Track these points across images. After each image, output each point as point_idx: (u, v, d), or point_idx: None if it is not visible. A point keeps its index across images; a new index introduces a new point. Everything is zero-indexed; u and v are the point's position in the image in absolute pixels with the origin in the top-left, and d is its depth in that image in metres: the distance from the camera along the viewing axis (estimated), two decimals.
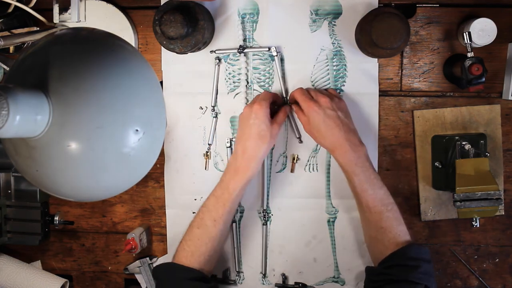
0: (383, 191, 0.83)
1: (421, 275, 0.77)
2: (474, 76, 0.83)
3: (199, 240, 0.86)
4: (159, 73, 0.96)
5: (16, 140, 0.50)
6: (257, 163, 0.86)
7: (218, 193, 0.87)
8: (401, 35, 0.80)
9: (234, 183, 0.85)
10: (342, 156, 0.83)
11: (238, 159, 0.86)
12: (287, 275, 0.98)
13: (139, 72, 0.53)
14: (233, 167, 0.86)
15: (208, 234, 0.86)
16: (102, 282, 1.05)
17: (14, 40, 0.83)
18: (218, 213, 0.86)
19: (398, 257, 0.79)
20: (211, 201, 0.87)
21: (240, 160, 0.85)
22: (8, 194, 0.99)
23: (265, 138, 0.84)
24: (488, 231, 0.95)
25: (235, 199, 0.87)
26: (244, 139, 0.85)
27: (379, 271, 0.81)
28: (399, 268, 0.78)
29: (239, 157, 0.85)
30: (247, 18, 0.93)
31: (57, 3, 0.90)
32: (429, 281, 0.77)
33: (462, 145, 0.88)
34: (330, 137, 0.84)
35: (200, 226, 0.86)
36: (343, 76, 0.92)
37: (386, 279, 0.79)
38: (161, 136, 0.55)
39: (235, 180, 0.85)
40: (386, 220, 0.82)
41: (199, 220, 0.87)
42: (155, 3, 0.94)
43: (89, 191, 0.52)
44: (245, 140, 0.85)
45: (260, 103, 0.84)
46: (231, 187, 0.86)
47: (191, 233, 0.87)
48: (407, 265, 0.78)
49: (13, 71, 0.51)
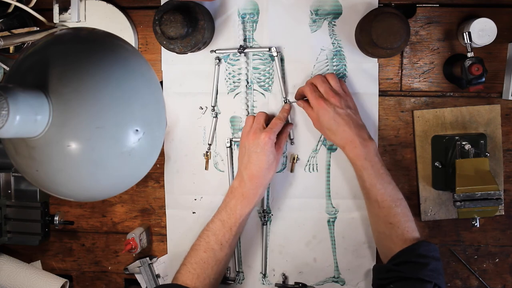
0: (392, 186, 0.83)
1: (430, 272, 0.76)
2: (474, 76, 0.83)
3: (205, 264, 0.85)
4: (159, 73, 0.96)
5: (16, 140, 0.50)
6: (264, 188, 0.89)
7: (224, 217, 0.87)
8: (401, 35, 0.80)
9: (241, 208, 0.86)
10: (352, 151, 0.84)
11: (246, 185, 0.86)
12: (287, 275, 0.98)
13: (139, 72, 0.53)
14: (240, 192, 0.87)
15: (215, 258, 0.86)
16: (102, 282, 1.05)
17: (14, 40, 0.83)
18: (225, 237, 0.86)
19: (407, 254, 0.79)
20: (217, 225, 0.87)
21: (249, 186, 0.86)
22: (8, 194, 0.99)
23: (273, 166, 0.87)
24: (488, 231, 0.95)
25: (242, 224, 0.88)
26: (251, 167, 0.86)
27: (388, 268, 0.80)
28: (408, 265, 0.78)
29: (247, 183, 0.86)
30: (247, 18, 0.93)
31: (57, 3, 0.90)
32: (439, 279, 0.77)
33: (462, 145, 0.88)
34: (341, 134, 0.84)
35: (206, 250, 0.86)
36: (343, 76, 0.92)
37: (395, 276, 0.78)
38: (161, 136, 0.55)
39: (243, 206, 0.86)
40: (394, 216, 0.82)
41: (205, 244, 0.86)
42: (155, 3, 0.94)
43: (89, 191, 0.52)
44: (252, 168, 0.86)
45: (269, 135, 0.86)
46: (238, 213, 0.86)
47: (196, 256, 0.86)
48: (417, 262, 0.77)
49: (13, 71, 0.51)
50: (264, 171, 0.86)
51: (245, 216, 0.87)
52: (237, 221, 0.86)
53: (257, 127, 0.88)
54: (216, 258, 0.86)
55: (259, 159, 0.85)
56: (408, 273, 0.77)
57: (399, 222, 0.81)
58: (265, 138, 0.85)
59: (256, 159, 0.86)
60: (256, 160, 0.86)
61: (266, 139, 0.85)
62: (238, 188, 0.87)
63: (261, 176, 0.86)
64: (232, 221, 0.86)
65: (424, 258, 0.78)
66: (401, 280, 0.77)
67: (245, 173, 0.87)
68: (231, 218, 0.86)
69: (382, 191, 0.82)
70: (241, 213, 0.86)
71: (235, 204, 0.87)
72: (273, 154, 0.86)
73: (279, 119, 0.90)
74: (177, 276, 0.86)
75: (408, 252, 0.79)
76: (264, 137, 0.85)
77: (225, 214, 0.87)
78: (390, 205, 0.82)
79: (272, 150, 0.86)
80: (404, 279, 0.77)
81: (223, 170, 0.97)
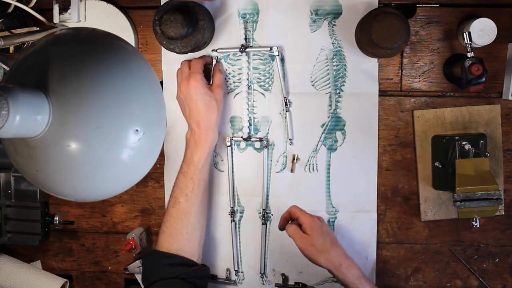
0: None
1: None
2: (474, 76, 0.83)
3: (174, 219, 0.89)
4: (159, 73, 0.96)
5: (16, 140, 0.50)
6: (213, 131, 0.90)
7: (184, 169, 0.90)
8: (401, 35, 0.80)
9: (197, 155, 0.89)
10: (348, 269, 0.82)
11: (195, 132, 0.89)
12: (287, 275, 0.98)
13: (139, 72, 0.53)
14: (193, 141, 0.89)
15: (183, 210, 0.89)
16: (102, 282, 1.05)
17: (14, 40, 0.83)
18: (189, 188, 0.88)
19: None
20: (180, 178, 0.90)
21: (198, 133, 0.89)
22: (8, 194, 0.99)
23: (213, 107, 0.88)
24: (488, 231, 0.95)
25: (202, 171, 0.89)
26: (194, 115, 0.88)
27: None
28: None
29: (196, 130, 0.89)
30: (247, 18, 0.93)
31: (57, 3, 0.90)
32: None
33: (462, 145, 0.88)
34: (335, 252, 0.83)
35: (174, 205, 0.90)
36: (343, 76, 0.92)
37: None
38: (161, 136, 0.55)
39: (197, 153, 0.89)
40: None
41: (173, 199, 0.90)
42: (155, 3, 0.94)
43: (89, 191, 0.52)
44: (196, 116, 0.88)
45: (195, 77, 0.87)
46: (196, 160, 0.89)
47: (167, 214, 0.90)
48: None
49: (13, 71, 0.51)
50: (205, 113, 0.88)
51: (203, 162, 0.89)
52: (196, 169, 0.88)
53: (185, 76, 0.89)
54: (184, 210, 0.88)
55: (196, 104, 0.88)
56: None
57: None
58: (192, 83, 0.87)
59: (194, 106, 0.88)
60: (194, 106, 0.88)
61: (194, 82, 0.87)
62: (191, 138, 0.90)
63: (204, 119, 0.88)
64: (192, 170, 0.89)
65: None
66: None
67: (191, 122, 0.89)
68: (190, 167, 0.89)
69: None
70: (198, 160, 0.88)
71: (191, 153, 0.89)
72: (208, 95, 0.88)
73: (196, 59, 0.91)
74: (157, 240, 0.91)
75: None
76: (191, 82, 0.87)
77: (184, 166, 0.90)
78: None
79: (204, 91, 0.88)
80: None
81: (223, 170, 0.97)
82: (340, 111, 0.93)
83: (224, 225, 0.98)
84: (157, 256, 0.89)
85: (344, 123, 0.93)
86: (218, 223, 0.99)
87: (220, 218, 0.98)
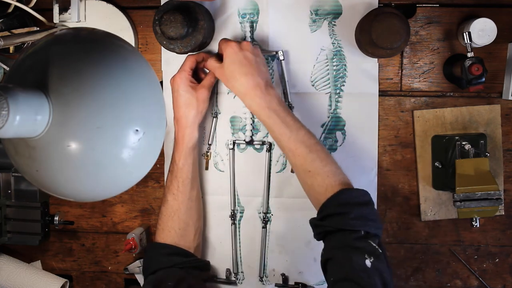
0: (304, 131, 0.80)
1: (353, 221, 0.72)
2: (474, 76, 0.83)
3: (165, 216, 0.90)
4: (159, 73, 0.96)
5: (16, 140, 0.50)
6: (190, 130, 0.88)
7: (170, 168, 0.91)
8: (401, 35, 0.80)
9: (177, 154, 0.89)
10: (253, 100, 0.81)
11: (175, 131, 0.89)
12: (287, 275, 0.98)
13: (139, 72, 0.53)
14: (175, 140, 0.90)
15: (171, 208, 0.90)
16: (102, 282, 1.05)
17: (14, 40, 0.83)
18: (174, 186, 0.90)
19: (328, 207, 0.75)
20: (168, 177, 0.91)
21: (177, 131, 0.89)
22: (8, 194, 0.99)
23: (192, 105, 0.87)
24: (488, 231, 0.95)
25: (183, 169, 0.89)
26: (175, 111, 0.89)
27: (315, 223, 0.77)
28: (331, 218, 0.74)
29: (175, 127, 0.89)
30: (247, 18, 0.93)
31: (57, 3, 0.90)
32: (367, 225, 0.72)
33: (462, 145, 0.88)
34: (244, 82, 0.82)
35: (164, 204, 0.91)
36: (343, 76, 0.92)
37: (323, 232, 0.75)
38: (161, 136, 0.55)
39: (177, 151, 0.89)
40: (311, 162, 0.78)
41: (164, 198, 0.92)
42: (155, 3, 0.94)
43: (89, 191, 0.52)
44: (176, 112, 0.89)
45: (179, 74, 0.87)
46: (176, 158, 0.89)
47: (160, 213, 0.92)
48: (338, 213, 0.73)
49: (13, 71, 0.51)
50: (183, 110, 0.87)
51: (183, 161, 0.89)
52: (178, 168, 0.89)
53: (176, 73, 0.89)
54: (172, 208, 0.90)
55: (176, 99, 0.88)
56: (332, 226, 0.73)
57: (317, 168, 0.78)
58: (175, 79, 0.88)
59: (175, 102, 0.88)
60: (174, 103, 0.88)
61: (177, 79, 0.87)
62: (174, 137, 0.90)
63: (182, 116, 0.88)
64: (175, 169, 0.89)
65: (345, 207, 0.73)
66: (327, 235, 0.74)
67: (174, 118, 0.89)
68: (174, 166, 0.90)
69: (293, 138, 0.79)
70: (178, 158, 0.89)
71: (173, 152, 0.90)
72: (189, 93, 0.87)
73: (191, 56, 0.89)
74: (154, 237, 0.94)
75: (329, 204, 0.75)
76: (175, 78, 0.88)
77: (170, 165, 0.91)
78: (304, 151, 0.79)
79: (186, 88, 0.87)
80: (330, 233, 0.74)
81: (223, 170, 0.97)
82: (340, 111, 0.93)
83: (224, 225, 0.98)
84: (155, 247, 0.91)
85: (344, 123, 0.93)
86: (218, 223, 0.98)
87: (220, 218, 0.98)
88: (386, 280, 0.68)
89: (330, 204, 0.75)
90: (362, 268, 0.68)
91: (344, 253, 0.70)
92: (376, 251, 0.70)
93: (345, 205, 0.74)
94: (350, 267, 0.68)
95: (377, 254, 0.69)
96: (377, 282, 0.67)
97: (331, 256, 0.72)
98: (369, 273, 0.67)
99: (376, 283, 0.67)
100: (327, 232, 0.75)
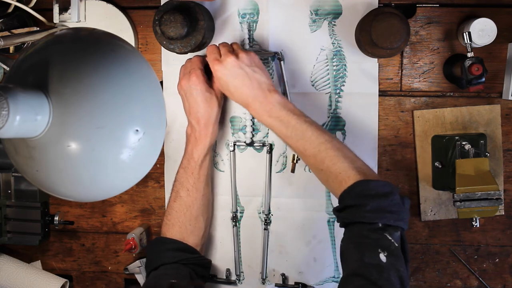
0: (310, 132, 0.79)
1: (369, 214, 0.70)
2: (474, 76, 0.83)
3: (177, 212, 0.90)
4: (159, 73, 0.96)
5: (16, 140, 0.50)
6: (213, 127, 0.89)
7: (185, 164, 0.90)
8: (401, 35, 0.80)
9: (197, 151, 0.89)
10: (255, 111, 0.83)
11: (195, 128, 0.88)
12: (287, 275, 0.98)
13: (139, 72, 0.53)
14: (193, 137, 0.89)
15: (184, 204, 0.90)
16: (102, 282, 1.05)
17: (14, 40, 0.83)
18: (190, 182, 0.89)
19: (345, 199, 0.74)
20: (180, 173, 0.91)
21: (198, 129, 0.88)
22: (8, 194, 0.99)
23: (213, 102, 0.88)
24: (488, 231, 0.95)
25: (202, 166, 0.89)
26: (193, 111, 0.88)
27: (335, 213, 0.77)
28: (347, 211, 0.73)
29: (196, 127, 0.88)
30: (247, 18, 0.93)
31: (57, 3, 0.90)
32: (384, 217, 0.69)
33: (462, 145, 0.88)
34: (240, 96, 0.83)
35: (176, 199, 0.90)
36: (343, 76, 0.92)
37: (341, 223, 0.75)
38: (161, 136, 0.55)
39: (198, 149, 0.89)
40: (322, 162, 0.78)
41: (174, 193, 0.91)
42: (155, 3, 0.94)
43: (89, 191, 0.52)
44: (195, 112, 0.88)
45: (195, 73, 0.86)
46: (195, 156, 0.89)
47: (169, 207, 0.91)
48: (353, 205, 0.72)
49: (13, 71, 0.51)
50: (205, 109, 0.87)
51: (202, 158, 0.89)
52: (197, 165, 0.89)
53: (187, 71, 0.89)
54: (186, 204, 0.89)
55: (196, 100, 0.87)
56: (349, 218, 0.72)
57: (328, 167, 0.77)
58: (192, 79, 0.86)
59: (193, 102, 0.87)
60: (194, 103, 0.87)
61: (194, 78, 0.86)
62: (191, 134, 0.90)
63: (205, 115, 0.87)
64: (192, 166, 0.89)
65: (361, 199, 0.71)
66: (347, 226, 0.74)
67: (191, 118, 0.89)
68: (191, 163, 0.89)
69: (300, 141, 0.80)
70: (198, 156, 0.89)
71: (191, 149, 0.89)
72: (208, 91, 0.87)
73: (198, 56, 0.90)
74: (160, 232, 0.92)
75: (345, 197, 0.74)
76: (192, 77, 0.86)
77: (185, 161, 0.90)
78: (314, 152, 0.79)
79: (204, 87, 0.86)
80: (348, 224, 0.73)
81: (223, 170, 0.97)
82: (340, 111, 0.93)
83: (224, 225, 0.98)
84: (161, 241, 0.90)
85: (344, 123, 0.93)
86: (218, 223, 0.99)
87: (220, 218, 0.98)
88: (402, 276, 0.66)
89: (347, 196, 0.74)
90: (373, 262, 0.66)
91: (356, 246, 0.70)
92: (392, 245, 0.67)
93: (361, 197, 0.72)
94: (361, 261, 0.67)
95: (392, 249, 0.67)
96: (392, 277, 0.65)
97: (345, 249, 0.72)
98: (382, 268, 0.65)
99: (391, 278, 0.65)
100: (344, 225, 0.75)
